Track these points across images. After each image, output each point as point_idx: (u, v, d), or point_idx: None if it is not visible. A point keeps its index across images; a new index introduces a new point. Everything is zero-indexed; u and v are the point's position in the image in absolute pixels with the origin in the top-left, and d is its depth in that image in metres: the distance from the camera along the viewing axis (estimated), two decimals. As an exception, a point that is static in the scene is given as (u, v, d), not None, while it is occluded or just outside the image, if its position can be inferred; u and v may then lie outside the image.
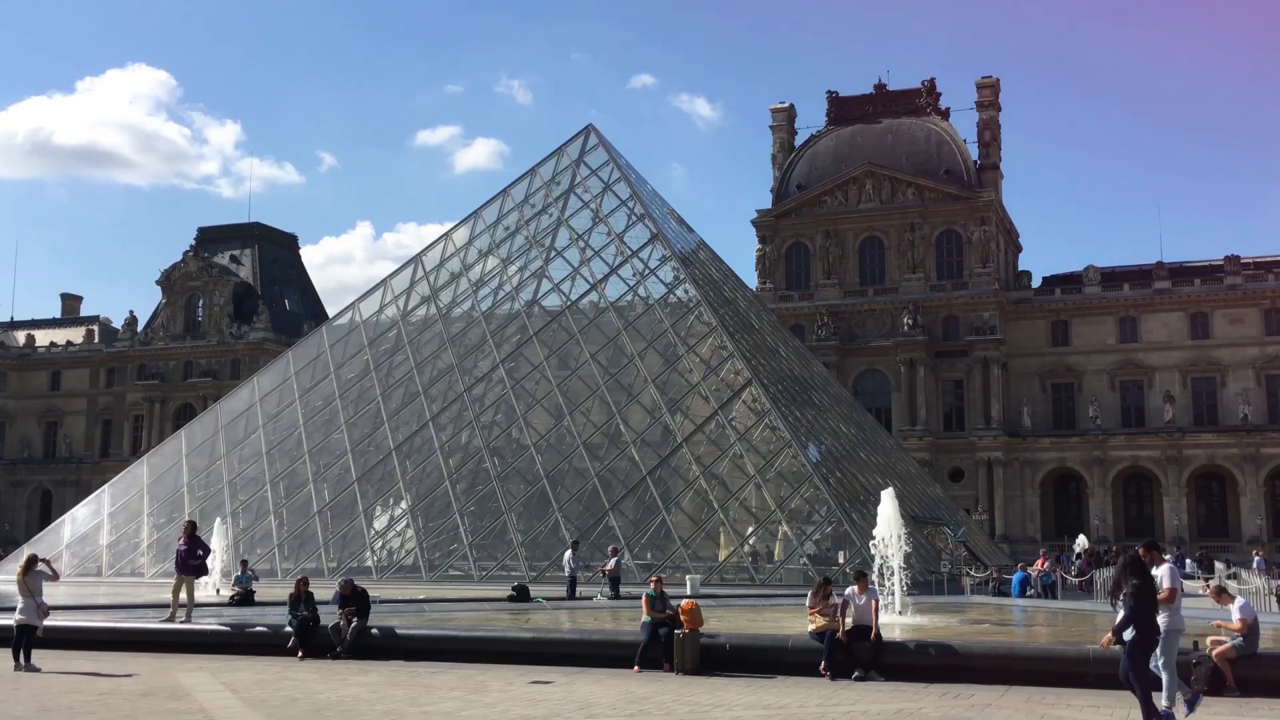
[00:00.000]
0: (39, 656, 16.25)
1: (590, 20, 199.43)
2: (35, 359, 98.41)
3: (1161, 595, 11.87)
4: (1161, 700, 11.80)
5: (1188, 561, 50.26)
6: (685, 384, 39.30)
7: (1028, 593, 32.25)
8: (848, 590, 15.96)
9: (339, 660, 17.16)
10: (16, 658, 16.04)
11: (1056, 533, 72.70)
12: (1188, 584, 38.86)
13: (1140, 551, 12.16)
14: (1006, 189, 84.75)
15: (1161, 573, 12.15)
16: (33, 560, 17.24)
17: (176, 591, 19.87)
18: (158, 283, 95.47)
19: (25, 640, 16.19)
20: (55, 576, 17.77)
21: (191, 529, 20.43)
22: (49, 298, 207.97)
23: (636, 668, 15.74)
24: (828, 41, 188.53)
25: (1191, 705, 12.01)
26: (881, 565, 21.48)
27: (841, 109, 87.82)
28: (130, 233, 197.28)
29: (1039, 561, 36.05)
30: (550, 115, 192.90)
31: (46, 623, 16.95)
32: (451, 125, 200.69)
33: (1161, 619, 11.79)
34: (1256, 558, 45.76)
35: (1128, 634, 11.57)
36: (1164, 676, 11.92)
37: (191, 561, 19.82)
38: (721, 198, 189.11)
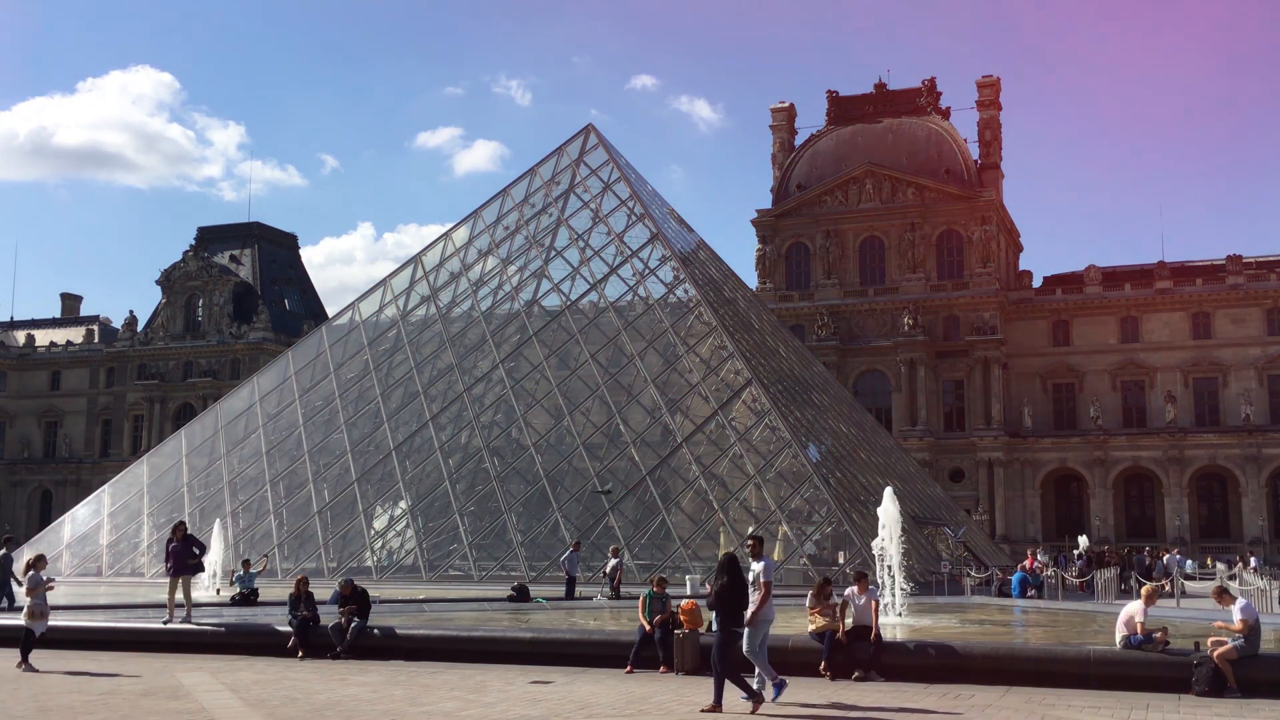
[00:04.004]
0: (38, 657, 16.22)
1: (590, 21, 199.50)
2: (35, 359, 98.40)
3: (762, 593, 12.77)
4: (752, 683, 12.62)
5: (1189, 562, 50.24)
6: (685, 384, 39.25)
7: (1028, 593, 32.21)
8: (847, 590, 15.92)
9: (339, 660, 17.12)
10: (26, 658, 16.02)
11: (1057, 533, 72.65)
12: (1189, 584, 39.09)
13: (750, 544, 13.36)
14: (1007, 189, 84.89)
15: (758, 567, 12.94)
16: (35, 561, 17.20)
17: (173, 592, 19.44)
18: (157, 282, 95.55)
19: (27, 640, 16.16)
20: (50, 587, 17.48)
21: (184, 528, 19.93)
22: (49, 298, 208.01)
23: (629, 668, 15.69)
24: (828, 41, 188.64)
25: (779, 689, 12.80)
26: (884, 565, 21.42)
27: (842, 109, 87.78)
28: (130, 233, 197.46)
29: (1027, 561, 36.01)
30: (550, 117, 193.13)
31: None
32: (452, 127, 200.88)
33: (761, 610, 12.72)
34: (1168, 556, 44.47)
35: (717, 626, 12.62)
36: (755, 662, 12.77)
37: (190, 561, 19.50)
38: (721, 198, 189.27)
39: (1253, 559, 50.46)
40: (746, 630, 12.73)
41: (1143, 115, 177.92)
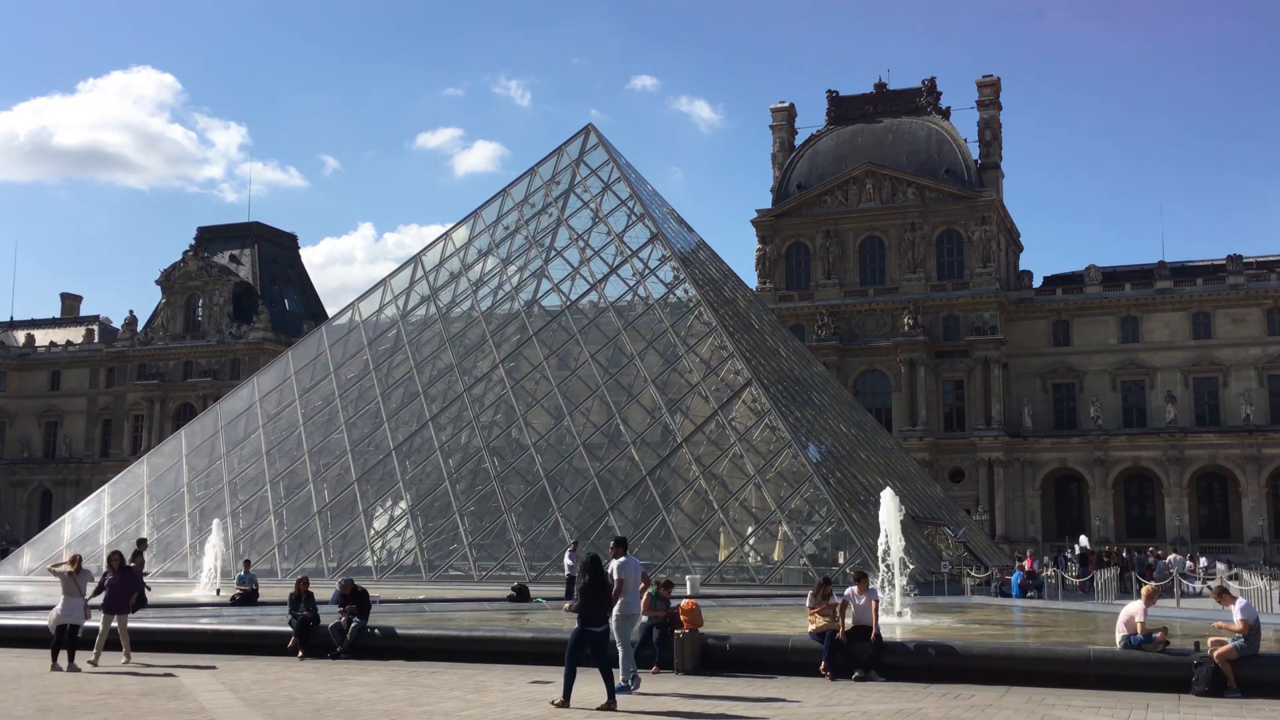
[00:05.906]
0: (37, 655, 16.21)
1: (590, 21, 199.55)
2: (35, 359, 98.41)
3: (614, 589, 13.35)
4: (619, 676, 13.06)
5: (1187, 563, 50.18)
6: (685, 384, 39.24)
7: (1028, 593, 32.26)
8: (847, 590, 15.95)
9: (339, 660, 17.13)
10: (55, 656, 15.99)
11: (1057, 533, 72.66)
12: (1188, 584, 39.11)
13: (612, 547, 14.08)
14: (1007, 188, 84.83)
15: (613, 566, 13.61)
16: (79, 559, 17.31)
17: (105, 634, 16.75)
18: (157, 282, 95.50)
19: (66, 638, 16.10)
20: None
21: (121, 559, 17.43)
22: (49, 298, 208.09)
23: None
24: (828, 41, 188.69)
25: (633, 685, 13.42)
26: (885, 566, 21.43)
27: (842, 108, 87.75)
28: (130, 233, 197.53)
29: (1026, 561, 36.07)
30: (550, 117, 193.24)
31: (43, 622, 16.90)
32: (452, 128, 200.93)
33: (616, 607, 13.35)
34: (1173, 557, 43.73)
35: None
36: (620, 653, 13.36)
37: (130, 599, 16.97)
38: (721, 198, 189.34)
39: (1202, 558, 50.57)
40: (615, 625, 13.30)
41: (1143, 115, 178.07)
